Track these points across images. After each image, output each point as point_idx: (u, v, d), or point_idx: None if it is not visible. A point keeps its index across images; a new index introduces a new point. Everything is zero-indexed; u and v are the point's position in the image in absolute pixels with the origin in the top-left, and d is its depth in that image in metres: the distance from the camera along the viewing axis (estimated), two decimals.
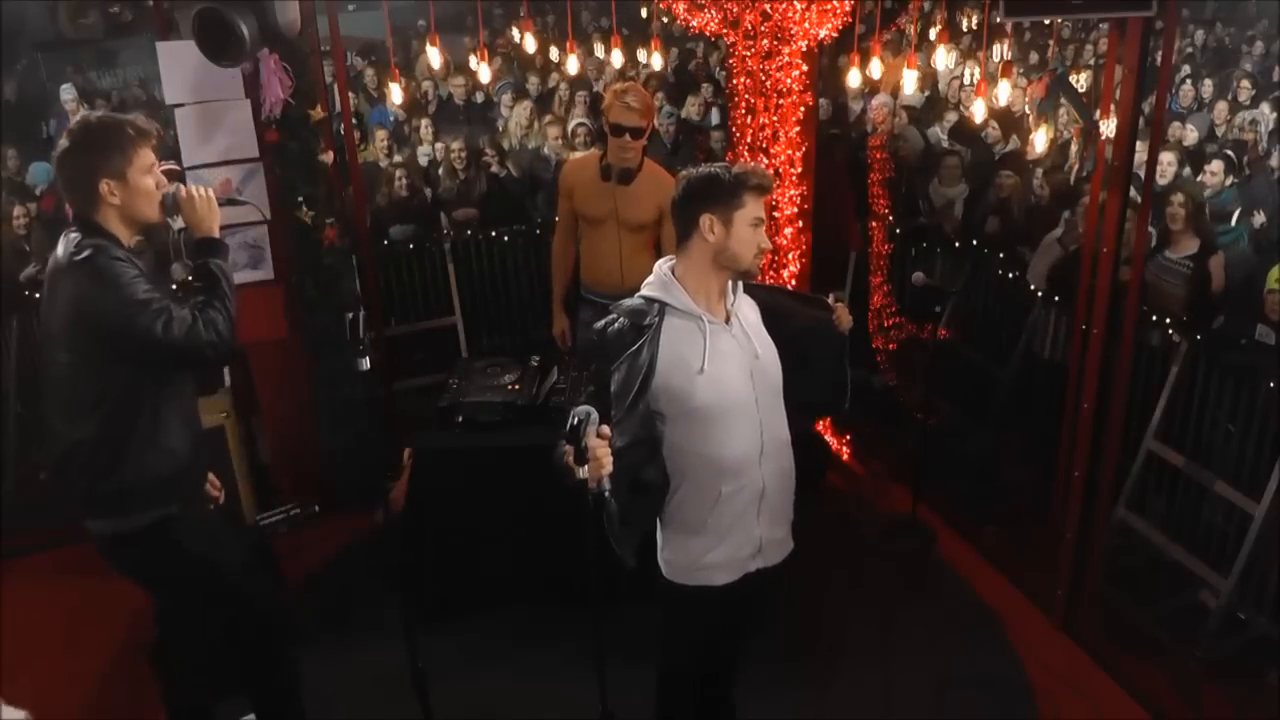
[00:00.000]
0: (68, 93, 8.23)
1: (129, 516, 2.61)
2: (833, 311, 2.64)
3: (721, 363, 2.37)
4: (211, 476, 2.91)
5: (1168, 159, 5.82)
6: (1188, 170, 6.17)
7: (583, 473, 2.27)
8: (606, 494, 2.22)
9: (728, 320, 2.42)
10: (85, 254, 2.44)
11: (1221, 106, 7.45)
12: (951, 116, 7.01)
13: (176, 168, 2.95)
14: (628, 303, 2.45)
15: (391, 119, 7.73)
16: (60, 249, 2.53)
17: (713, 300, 2.41)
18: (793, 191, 4.32)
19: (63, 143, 2.52)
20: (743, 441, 2.40)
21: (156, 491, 2.60)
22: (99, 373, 2.51)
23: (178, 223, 2.69)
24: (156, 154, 2.58)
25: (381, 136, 6.77)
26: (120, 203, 2.51)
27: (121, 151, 2.49)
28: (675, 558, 2.54)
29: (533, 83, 8.34)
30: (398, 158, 6.62)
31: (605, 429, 2.18)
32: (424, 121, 7.11)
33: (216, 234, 2.63)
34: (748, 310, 2.50)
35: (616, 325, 2.40)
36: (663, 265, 2.47)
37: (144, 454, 2.56)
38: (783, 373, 2.49)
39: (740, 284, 2.50)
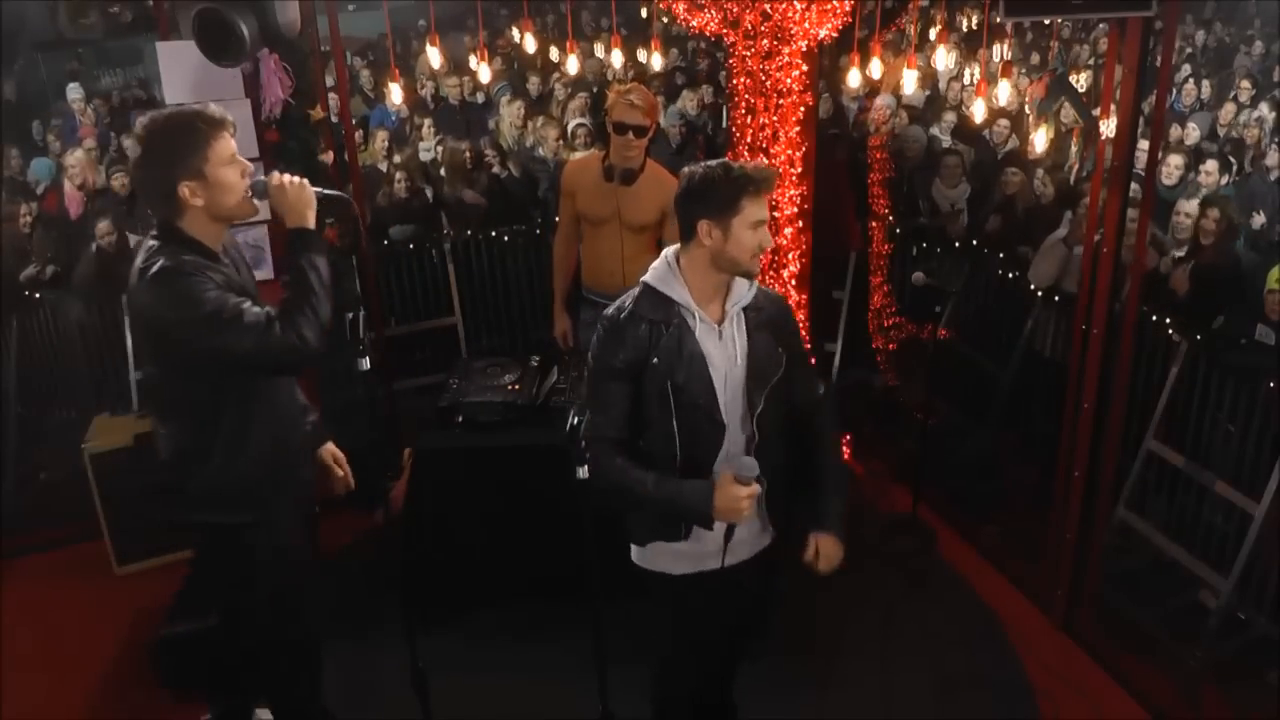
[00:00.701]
0: (74, 91, 8.24)
1: (215, 515, 2.57)
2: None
3: (698, 363, 2.39)
4: (333, 458, 2.81)
5: (1175, 161, 5.82)
6: (1212, 167, 6.14)
7: (582, 473, 2.28)
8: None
9: (721, 320, 2.43)
10: (153, 267, 2.34)
11: (1228, 107, 7.45)
12: (950, 117, 7.01)
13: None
14: (637, 295, 2.48)
15: (393, 119, 7.74)
16: (137, 259, 2.42)
17: (708, 297, 2.42)
18: (793, 191, 4.32)
19: (135, 153, 2.42)
20: (704, 441, 2.43)
21: (240, 497, 2.54)
22: (180, 383, 2.46)
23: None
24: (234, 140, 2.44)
25: (381, 138, 6.77)
26: (204, 202, 2.38)
27: (196, 149, 2.35)
28: (635, 540, 2.60)
29: (533, 83, 8.34)
30: (398, 158, 6.62)
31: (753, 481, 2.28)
32: (426, 121, 7.11)
33: (311, 224, 2.47)
34: (753, 312, 2.47)
35: (636, 315, 2.44)
36: (668, 253, 2.48)
37: (230, 460, 2.50)
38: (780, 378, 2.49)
39: (754, 285, 2.48)
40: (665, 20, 8.28)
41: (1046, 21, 8.09)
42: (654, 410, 2.41)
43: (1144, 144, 3.70)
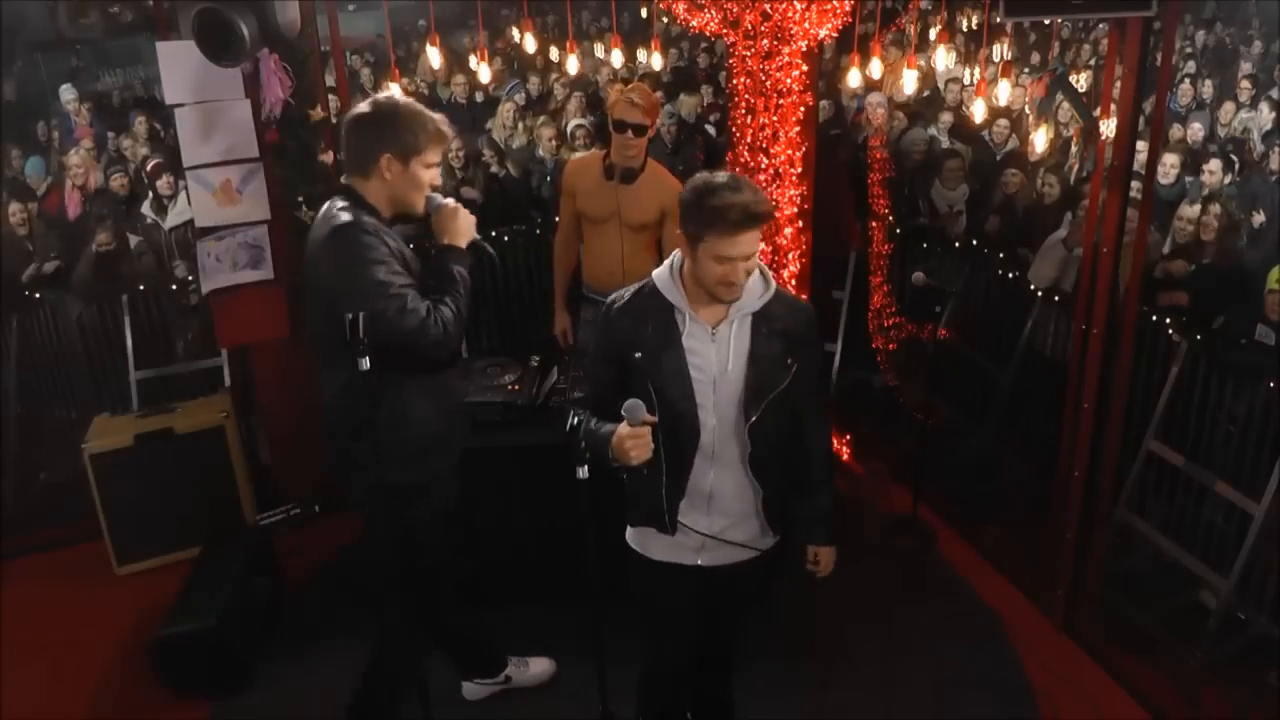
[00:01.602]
0: (68, 92, 8.23)
1: (375, 475, 2.60)
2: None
3: (679, 365, 2.40)
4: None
5: (1170, 160, 5.83)
6: (1215, 167, 6.15)
7: (582, 473, 2.28)
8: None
9: (719, 323, 2.41)
10: (343, 221, 2.50)
11: (1228, 106, 7.45)
12: (947, 117, 7.00)
13: None
14: (638, 288, 2.51)
15: None
16: (321, 212, 2.60)
17: (707, 299, 2.40)
18: (793, 191, 4.32)
19: (365, 107, 2.58)
20: (681, 440, 2.45)
21: (399, 459, 2.61)
22: (345, 341, 2.53)
23: (168, 222, 2.68)
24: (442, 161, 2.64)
25: None
26: (390, 180, 2.58)
27: (415, 138, 2.55)
28: (629, 520, 2.65)
29: (533, 83, 8.34)
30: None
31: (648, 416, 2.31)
32: None
33: (462, 244, 2.69)
34: (764, 321, 2.43)
35: (631, 307, 2.48)
36: (676, 253, 2.48)
37: (391, 424, 2.61)
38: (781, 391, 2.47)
39: (770, 290, 2.45)
40: (665, 20, 8.28)
41: (1046, 21, 8.09)
42: (644, 398, 2.41)
43: (1143, 144, 3.71)
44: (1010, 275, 5.20)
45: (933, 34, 7.84)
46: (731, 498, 2.53)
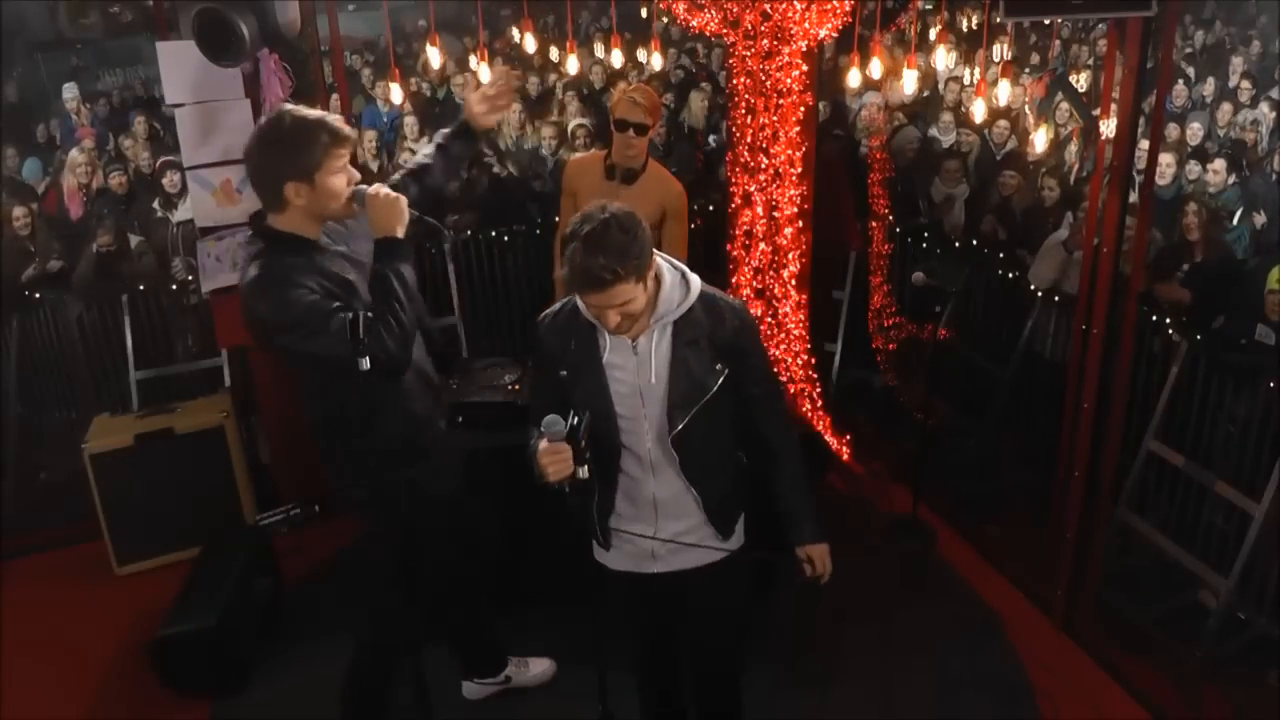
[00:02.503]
0: (70, 91, 8.24)
1: (362, 485, 2.67)
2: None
3: (598, 379, 2.39)
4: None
5: (1166, 160, 5.83)
6: (1195, 169, 6.16)
7: (583, 472, 2.27)
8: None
9: (636, 338, 2.37)
10: (250, 269, 2.45)
11: (1225, 107, 7.45)
12: (947, 117, 7.00)
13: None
14: (561, 305, 2.49)
15: (384, 119, 7.74)
16: (239, 253, 2.62)
17: None
18: (793, 191, 4.32)
19: (250, 141, 2.47)
20: (605, 453, 2.44)
21: (383, 462, 2.58)
22: (300, 371, 2.57)
23: (175, 217, 2.67)
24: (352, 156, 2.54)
25: (370, 138, 6.76)
26: (305, 204, 2.47)
27: (310, 153, 2.43)
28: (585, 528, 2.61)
29: (532, 83, 8.35)
30: (401, 158, 6.63)
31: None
32: (409, 119, 7.10)
33: (398, 234, 2.52)
34: (685, 328, 2.38)
35: (555, 326, 2.46)
36: None
37: (366, 434, 2.54)
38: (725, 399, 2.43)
39: (693, 295, 2.40)
40: (665, 20, 8.28)
41: (1046, 21, 8.09)
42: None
43: (1143, 144, 3.71)
44: (1010, 275, 5.20)
45: (933, 34, 7.83)
46: (674, 505, 2.50)
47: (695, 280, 2.41)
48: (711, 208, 5.78)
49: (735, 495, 2.57)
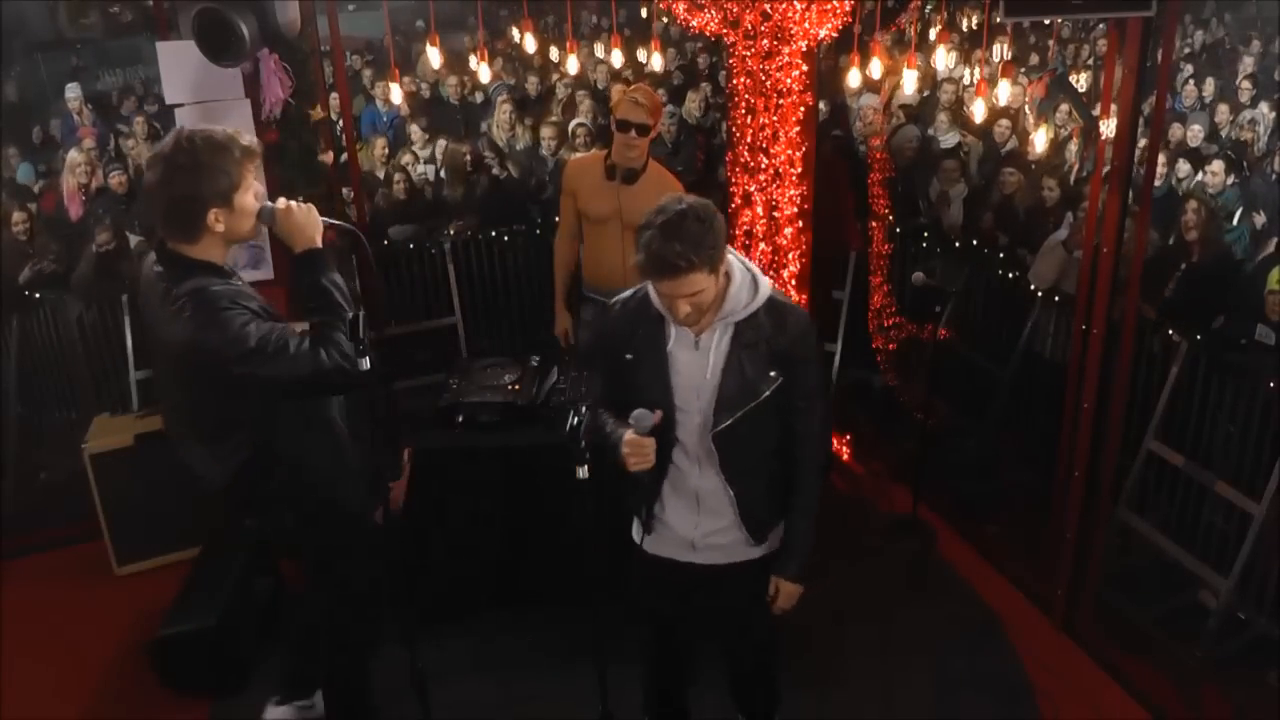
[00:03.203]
0: (72, 91, 8.23)
1: (286, 521, 2.62)
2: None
3: (661, 369, 2.44)
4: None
5: (1161, 159, 5.82)
6: (1187, 168, 6.17)
7: (582, 473, 2.28)
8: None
9: (698, 336, 2.42)
10: (185, 310, 2.29)
11: (1222, 107, 7.45)
12: (945, 117, 7.00)
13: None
14: (634, 292, 2.54)
15: (384, 120, 7.74)
16: (152, 287, 2.36)
17: None
18: (793, 191, 4.32)
19: (158, 168, 2.30)
20: (662, 445, 2.45)
21: (307, 502, 2.57)
22: (228, 405, 2.43)
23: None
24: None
25: (380, 144, 6.78)
26: (225, 229, 2.35)
27: (229, 174, 2.31)
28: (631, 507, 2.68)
29: (531, 83, 8.34)
30: (406, 158, 6.64)
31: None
32: (415, 126, 7.11)
33: (319, 244, 2.44)
34: (747, 330, 2.42)
35: (626, 310, 2.52)
36: None
37: (292, 467, 2.51)
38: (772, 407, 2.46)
39: (761, 299, 2.43)
40: (665, 20, 8.28)
41: (1046, 21, 8.09)
42: (628, 398, 2.45)
43: (1141, 144, 3.70)
44: (1010, 275, 5.20)
45: (933, 34, 7.83)
46: (714, 501, 2.54)
47: (765, 283, 2.44)
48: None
49: (771, 502, 2.59)
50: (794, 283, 4.46)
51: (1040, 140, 5.82)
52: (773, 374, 2.42)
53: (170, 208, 2.33)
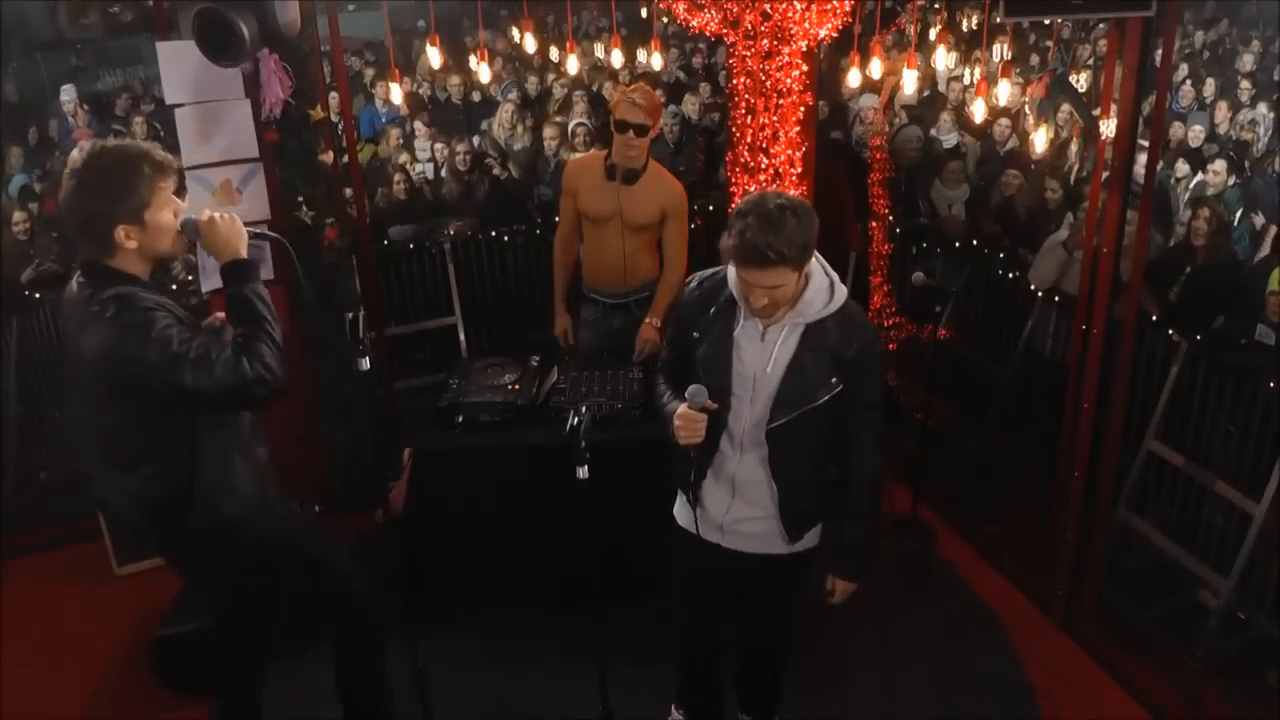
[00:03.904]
0: (68, 93, 8.23)
1: (199, 549, 2.55)
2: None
3: (724, 355, 2.48)
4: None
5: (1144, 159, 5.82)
6: (1185, 168, 6.18)
7: (582, 473, 2.29)
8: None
9: (765, 328, 2.46)
10: (108, 310, 2.24)
11: (1222, 106, 7.45)
12: (948, 117, 7.00)
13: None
14: (720, 274, 2.57)
15: (381, 120, 7.74)
16: (75, 299, 2.32)
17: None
18: (793, 191, 4.32)
19: (69, 183, 2.26)
20: (715, 422, 2.49)
21: (226, 529, 2.49)
22: (146, 426, 2.36)
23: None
24: (177, 185, 2.38)
25: (395, 135, 6.78)
26: (138, 245, 2.32)
27: (138, 192, 2.27)
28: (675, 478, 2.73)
29: (531, 83, 8.35)
30: (405, 156, 6.64)
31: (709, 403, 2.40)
32: (418, 124, 7.11)
33: (244, 255, 2.40)
34: (817, 333, 2.45)
35: (702, 290, 2.57)
36: None
37: (210, 497, 2.44)
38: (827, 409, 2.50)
39: (836, 303, 2.47)
40: (665, 20, 8.28)
41: (1046, 21, 8.09)
42: (695, 375, 2.50)
43: (1141, 144, 3.70)
44: (1010, 275, 5.20)
45: (933, 34, 7.83)
46: (753, 490, 2.57)
47: (841, 292, 2.49)
48: (711, 208, 5.78)
49: (815, 504, 2.63)
50: None
51: (1040, 140, 5.82)
52: (833, 380, 2.46)
53: (80, 224, 2.30)
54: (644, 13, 9.40)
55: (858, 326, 2.50)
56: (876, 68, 4.50)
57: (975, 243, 5.46)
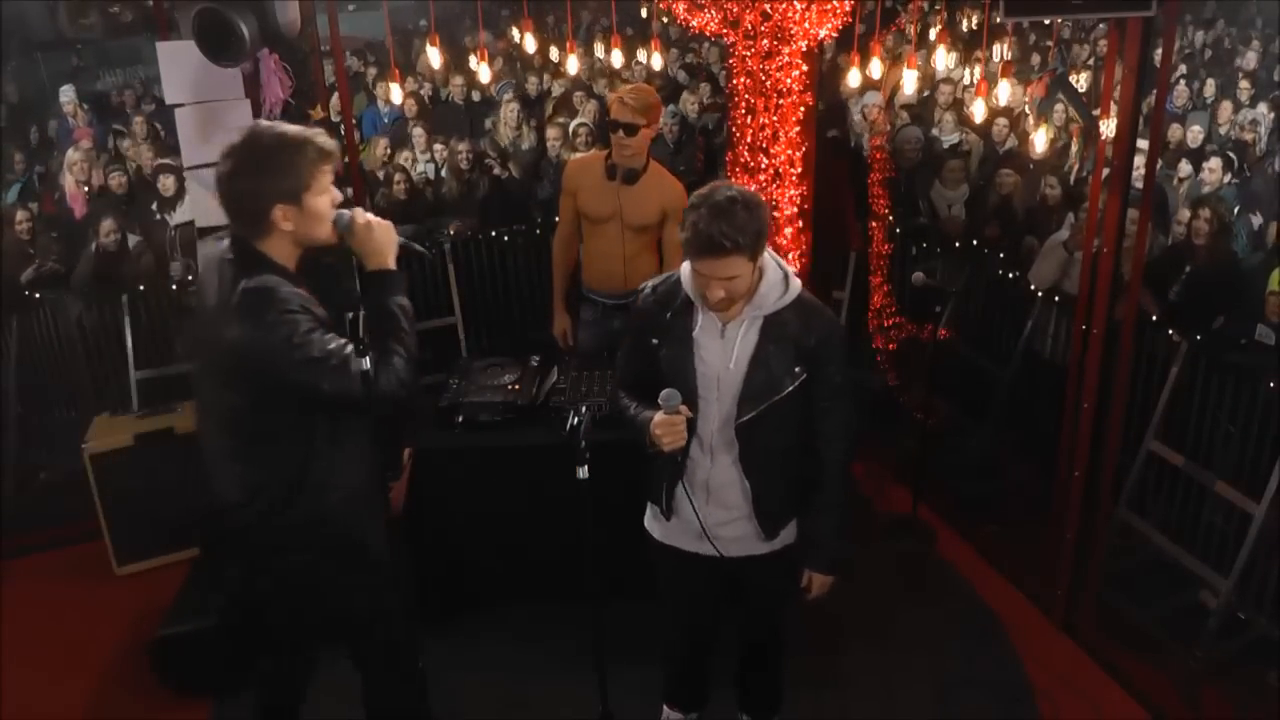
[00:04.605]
0: (67, 94, 8.23)
1: (293, 547, 2.43)
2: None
3: (686, 355, 2.48)
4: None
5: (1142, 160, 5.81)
6: (1187, 168, 6.18)
7: (582, 473, 2.29)
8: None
9: (724, 325, 2.46)
10: (251, 304, 2.20)
11: (1225, 106, 7.45)
12: (950, 117, 7.00)
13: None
14: (669, 278, 2.58)
15: (385, 121, 7.74)
16: (218, 274, 2.27)
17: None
18: (793, 191, 4.32)
19: (226, 164, 2.26)
20: (688, 431, 2.48)
21: (325, 528, 2.42)
22: (270, 418, 2.30)
23: (174, 219, 2.55)
24: (338, 172, 2.34)
25: (382, 145, 6.78)
26: (293, 229, 2.28)
27: (298, 174, 2.25)
28: (647, 498, 2.74)
29: (531, 83, 8.35)
30: (402, 157, 6.63)
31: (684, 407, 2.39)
32: (418, 130, 7.11)
33: (393, 265, 2.36)
34: (776, 325, 2.45)
35: (656, 295, 2.57)
36: None
37: (320, 493, 2.37)
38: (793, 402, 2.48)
39: (790, 294, 2.46)
40: (665, 20, 8.29)
41: (1046, 21, 8.09)
42: (660, 382, 2.48)
43: (1141, 144, 3.70)
44: (1010, 275, 5.20)
45: (933, 34, 7.83)
46: (726, 493, 2.56)
47: (796, 283, 2.49)
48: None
49: (789, 500, 2.62)
50: None
51: (1040, 140, 5.82)
52: (797, 369, 2.46)
53: (236, 203, 2.29)
54: (644, 12, 9.41)
55: (817, 315, 2.50)
56: (876, 68, 4.49)
57: (975, 243, 5.46)
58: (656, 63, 6.72)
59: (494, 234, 5.92)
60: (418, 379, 2.33)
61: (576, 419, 2.31)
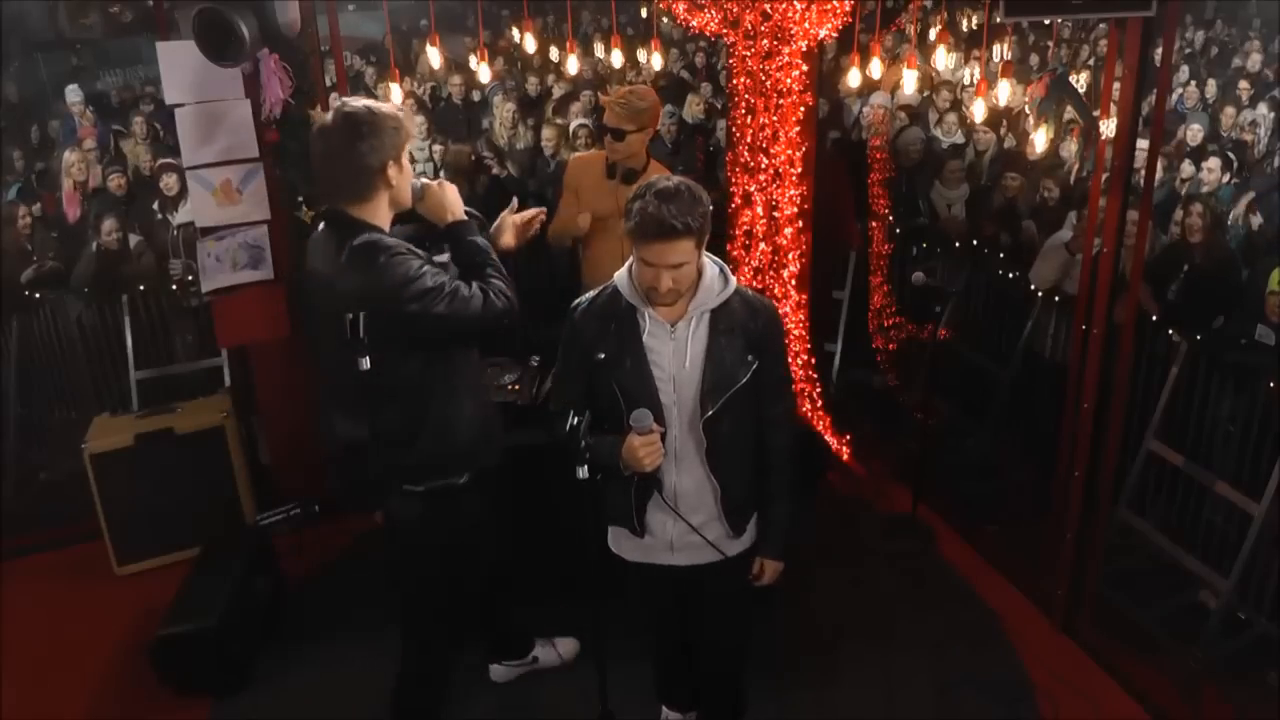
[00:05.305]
0: (74, 94, 8.24)
1: (420, 485, 2.67)
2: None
3: (639, 362, 2.44)
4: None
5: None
6: (1189, 169, 6.18)
7: (582, 473, 2.28)
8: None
9: (675, 323, 2.44)
10: (361, 252, 2.42)
11: (1229, 111, 7.45)
12: (951, 118, 7.00)
13: None
14: (601, 290, 2.54)
15: None
16: (323, 248, 2.50)
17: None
18: (793, 191, 4.32)
19: (322, 143, 2.45)
20: None
21: (451, 462, 2.67)
22: (394, 365, 2.51)
23: (175, 219, 2.66)
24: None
25: None
26: (397, 186, 2.52)
27: (398, 132, 2.49)
28: (607, 520, 2.69)
29: (531, 83, 8.35)
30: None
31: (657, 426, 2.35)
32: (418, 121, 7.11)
33: (463, 215, 2.66)
34: (723, 317, 2.45)
35: (593, 309, 2.52)
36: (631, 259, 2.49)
37: (442, 432, 2.62)
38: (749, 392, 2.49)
39: (730, 288, 2.47)
40: (665, 20, 8.28)
41: (1046, 21, 8.09)
42: (604, 401, 2.46)
43: (1141, 144, 3.70)
44: (1010, 275, 5.20)
45: (933, 34, 7.83)
46: (694, 497, 2.54)
47: (733, 278, 2.51)
48: (711, 207, 5.76)
49: (749, 493, 2.61)
50: (794, 283, 4.46)
51: (1040, 140, 5.82)
52: (749, 358, 2.47)
53: (343, 170, 2.46)
54: (644, 13, 9.40)
55: (759, 302, 2.54)
56: (876, 68, 4.49)
57: (975, 243, 5.46)
58: (657, 63, 6.70)
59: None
60: (517, 295, 2.61)
61: (576, 419, 2.31)
